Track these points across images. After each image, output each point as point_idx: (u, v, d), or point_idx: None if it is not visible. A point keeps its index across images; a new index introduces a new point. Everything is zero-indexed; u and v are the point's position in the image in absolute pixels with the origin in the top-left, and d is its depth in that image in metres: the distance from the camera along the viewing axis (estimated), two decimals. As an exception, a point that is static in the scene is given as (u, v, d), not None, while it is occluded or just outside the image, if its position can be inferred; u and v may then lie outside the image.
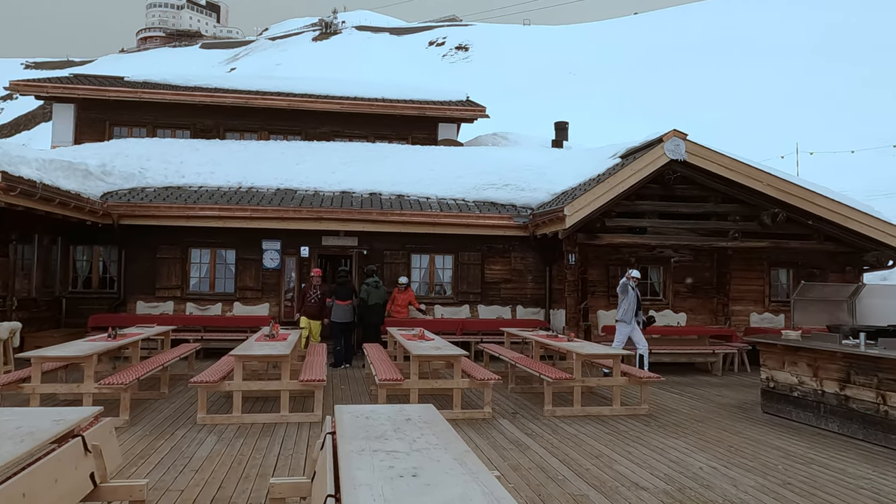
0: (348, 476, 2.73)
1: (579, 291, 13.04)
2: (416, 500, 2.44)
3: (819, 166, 29.86)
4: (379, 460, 2.96)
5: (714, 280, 13.85)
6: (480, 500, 2.47)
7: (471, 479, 2.71)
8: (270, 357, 7.34)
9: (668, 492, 5.14)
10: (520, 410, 8.26)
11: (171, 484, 5.09)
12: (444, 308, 14.38)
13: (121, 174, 14.09)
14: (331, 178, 15.16)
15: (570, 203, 12.07)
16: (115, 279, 13.76)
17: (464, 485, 2.63)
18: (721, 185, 12.85)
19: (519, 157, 16.64)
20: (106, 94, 17.51)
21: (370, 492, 2.51)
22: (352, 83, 20.04)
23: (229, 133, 18.32)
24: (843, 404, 7.17)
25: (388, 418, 3.88)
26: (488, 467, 5.58)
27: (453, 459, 3.01)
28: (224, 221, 13.25)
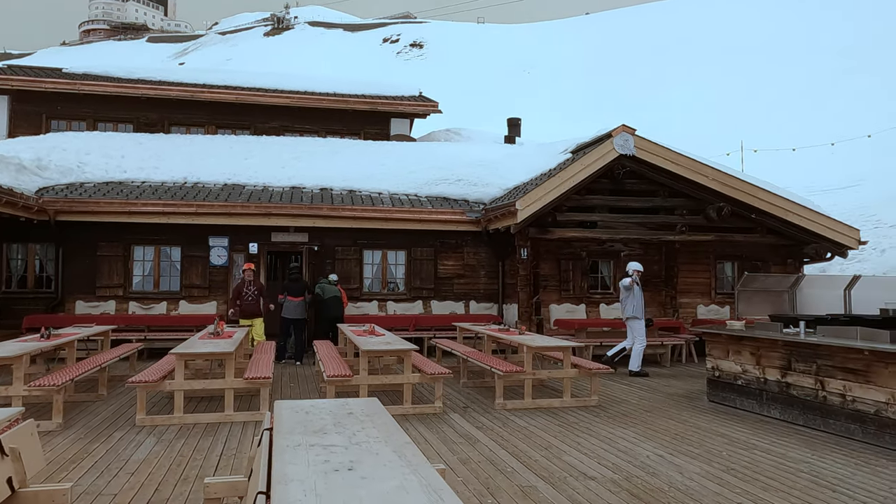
0: (280, 472, 2.61)
1: (531, 286, 13.09)
2: (350, 493, 2.34)
3: (763, 163, 30.78)
4: (315, 455, 2.85)
5: (662, 273, 14.09)
6: (418, 491, 2.39)
7: (409, 472, 2.62)
8: (214, 355, 7.12)
9: (615, 480, 5.16)
10: (471, 404, 8.22)
11: (103, 488, 4.86)
12: (397, 304, 14.26)
13: (58, 168, 13.51)
14: (280, 173, 14.87)
15: (522, 198, 12.10)
16: (52, 278, 13.17)
17: (401, 477, 2.54)
18: (668, 180, 13.08)
19: (471, 153, 16.63)
20: (43, 86, 16.80)
21: (301, 487, 2.40)
22: (302, 78, 19.69)
23: (175, 127, 17.80)
24: (785, 391, 7.35)
25: (330, 412, 3.76)
26: (437, 461, 5.54)
27: (393, 452, 2.92)
28: (168, 217, 12.84)
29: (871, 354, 6.26)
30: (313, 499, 2.27)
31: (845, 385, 6.58)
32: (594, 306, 13.73)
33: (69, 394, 8.05)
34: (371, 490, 2.38)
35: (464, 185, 14.93)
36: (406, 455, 2.87)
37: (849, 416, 6.54)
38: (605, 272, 14.20)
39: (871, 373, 6.31)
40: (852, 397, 6.50)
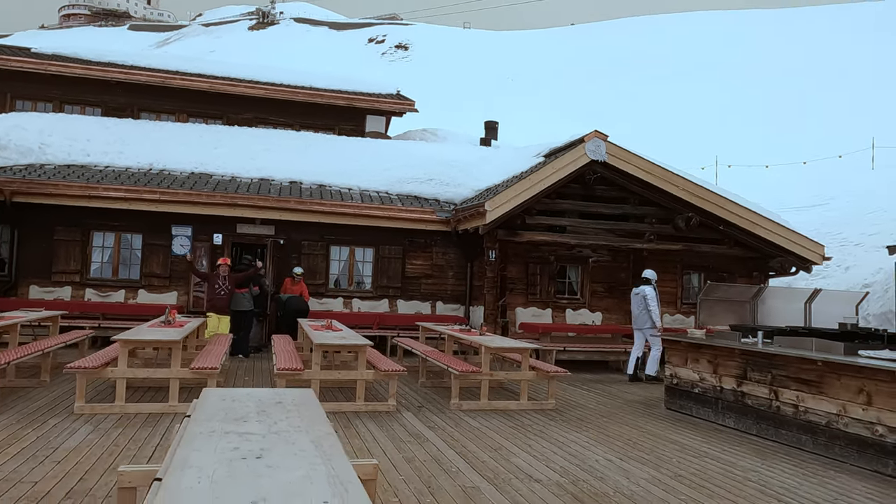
0: (182, 458, 2.45)
1: (498, 288, 13.00)
2: (250, 482, 2.19)
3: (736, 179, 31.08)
4: (227, 442, 2.69)
5: (630, 281, 14.05)
6: (323, 482, 2.24)
7: (321, 462, 2.47)
8: (160, 342, 6.89)
9: (560, 484, 5.05)
10: (427, 404, 8.07)
11: (25, 475, 4.62)
12: (363, 302, 14.07)
13: (17, 148, 13.12)
14: (250, 164, 14.61)
15: (492, 199, 12.00)
16: (5, 261, 12.76)
17: (310, 467, 2.39)
18: (639, 188, 13.07)
19: (445, 153, 16.51)
20: (8, 65, 16.36)
21: (199, 473, 2.24)
22: (279, 70, 19.45)
23: (144, 113, 17.43)
24: (740, 400, 7.31)
25: (258, 401, 3.60)
26: (380, 457, 5.38)
27: (310, 442, 2.77)
28: (130, 203, 12.53)
29: (824, 365, 6.24)
30: (207, 486, 2.12)
31: (798, 395, 6.56)
32: (560, 311, 13.67)
33: (9, 378, 7.75)
34: (274, 479, 2.23)
35: (436, 184, 14.81)
36: (323, 446, 2.72)
37: (801, 426, 6.52)
38: (572, 277, 14.16)
39: (824, 384, 6.29)
40: (805, 408, 6.48)
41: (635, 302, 11.01)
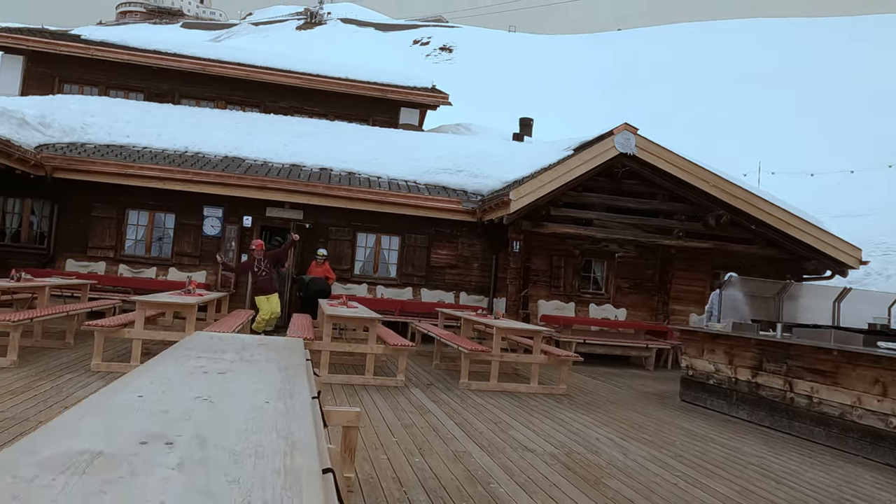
0: (146, 369, 2.51)
1: (521, 279, 12.94)
2: (203, 386, 2.24)
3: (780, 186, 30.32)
4: (196, 362, 2.75)
5: (656, 278, 13.86)
6: (273, 392, 2.28)
7: (280, 381, 2.51)
8: (176, 305, 7.07)
9: (554, 454, 5.01)
10: (436, 383, 8.08)
11: (32, 416, 4.81)
12: (387, 289, 14.15)
13: (61, 127, 13.61)
14: (282, 150, 14.85)
15: (516, 188, 11.96)
16: (45, 235, 13.25)
17: (267, 382, 2.44)
18: (668, 183, 12.86)
19: (476, 146, 16.51)
20: (57, 49, 16.97)
21: (157, 378, 2.30)
22: (315, 61, 19.73)
23: (185, 100, 17.88)
24: (754, 392, 7.13)
25: (243, 342, 3.67)
26: (379, 423, 5.43)
27: (277, 369, 2.81)
28: (164, 183, 12.85)
29: (840, 355, 6.05)
30: (160, 385, 2.17)
31: (813, 387, 6.37)
32: (584, 306, 13.52)
33: (35, 339, 8.04)
34: (226, 386, 2.28)
35: (464, 175, 14.82)
36: (288, 371, 2.76)
37: (814, 418, 6.32)
38: (597, 272, 14.00)
39: (840, 374, 6.10)
40: (819, 399, 6.29)
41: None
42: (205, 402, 1.96)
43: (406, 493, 3.83)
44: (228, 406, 1.96)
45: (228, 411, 1.89)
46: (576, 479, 4.40)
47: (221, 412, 1.87)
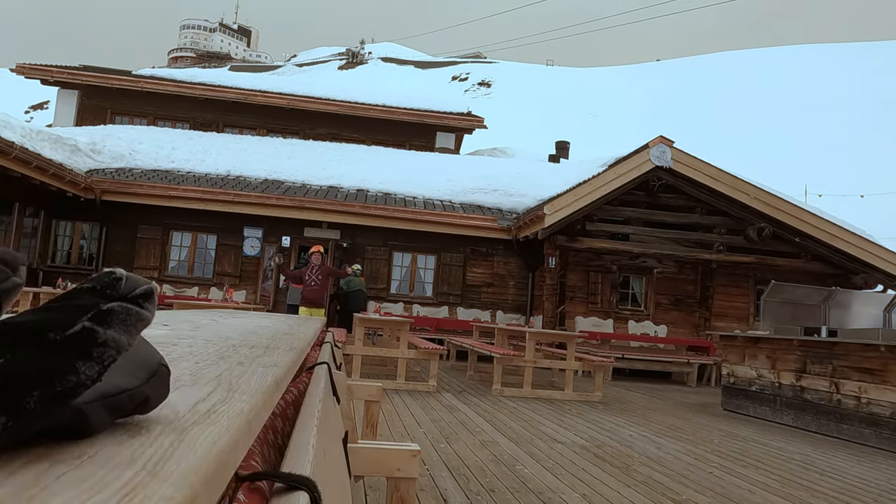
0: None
1: (558, 296, 12.80)
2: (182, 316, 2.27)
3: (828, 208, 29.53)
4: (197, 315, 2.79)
5: (697, 294, 13.53)
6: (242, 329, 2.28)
7: (259, 318, 2.52)
8: (208, 307, 7.19)
9: (584, 446, 4.88)
10: (469, 390, 8.00)
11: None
12: (423, 308, 14.15)
13: (110, 153, 14.20)
14: (321, 173, 15.17)
15: (550, 202, 11.92)
16: (94, 256, 13.73)
17: (252, 323, 2.45)
18: (707, 196, 12.65)
19: (511, 166, 16.59)
20: (109, 83, 17.80)
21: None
22: (353, 90, 20.22)
23: (228, 128, 18.48)
24: (799, 395, 6.85)
25: (257, 314, 3.71)
26: (408, 419, 5.39)
27: (272, 322, 2.83)
28: (206, 204, 13.25)
29: (887, 351, 5.78)
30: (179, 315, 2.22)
31: (860, 387, 6.08)
32: (622, 322, 13.26)
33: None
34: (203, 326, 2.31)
35: (499, 195, 14.86)
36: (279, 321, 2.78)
37: (863, 419, 6.02)
38: (636, 288, 13.74)
39: (888, 372, 5.81)
40: (867, 399, 5.99)
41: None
42: (212, 322, 2.00)
43: (429, 471, 3.77)
44: (230, 323, 1.99)
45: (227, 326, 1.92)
46: (605, 466, 4.27)
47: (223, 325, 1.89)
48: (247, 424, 0.46)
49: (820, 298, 8.96)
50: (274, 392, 0.67)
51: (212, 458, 0.36)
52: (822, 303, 8.94)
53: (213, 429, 0.41)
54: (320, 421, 0.95)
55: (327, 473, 1.01)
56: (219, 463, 0.36)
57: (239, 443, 0.42)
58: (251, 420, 0.48)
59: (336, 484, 1.23)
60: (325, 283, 9.65)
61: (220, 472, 0.36)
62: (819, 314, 8.87)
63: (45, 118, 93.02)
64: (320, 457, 0.81)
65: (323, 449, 0.89)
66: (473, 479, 3.68)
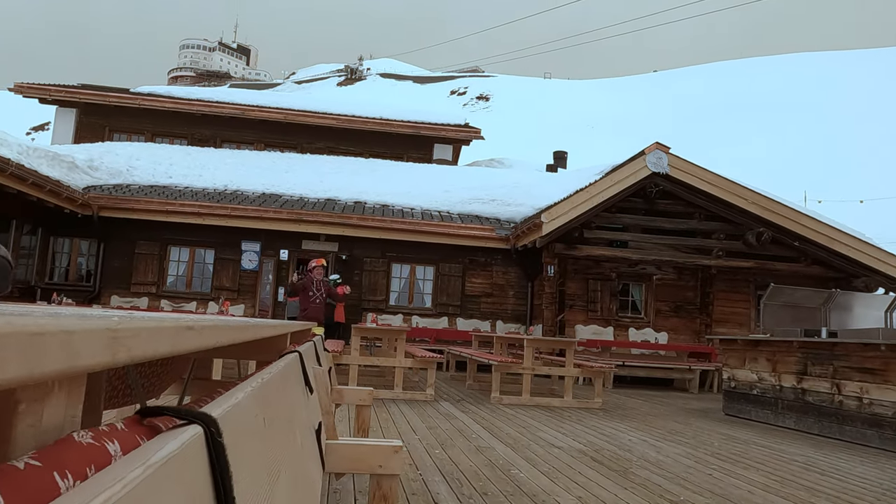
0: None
1: (557, 304, 12.73)
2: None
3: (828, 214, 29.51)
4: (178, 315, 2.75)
5: (698, 300, 13.45)
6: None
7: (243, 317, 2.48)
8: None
9: (582, 451, 4.81)
10: (468, 398, 7.92)
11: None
12: (422, 319, 14.08)
13: (108, 170, 14.22)
14: (318, 186, 15.17)
15: (548, 210, 11.90)
16: (92, 273, 13.70)
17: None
18: (705, 202, 12.62)
19: (508, 177, 16.60)
20: (107, 100, 17.87)
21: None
22: (349, 103, 20.30)
23: (226, 144, 18.51)
24: (800, 398, 6.77)
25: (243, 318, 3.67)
26: (404, 426, 5.34)
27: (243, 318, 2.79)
28: (203, 218, 13.23)
29: (888, 350, 5.72)
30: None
31: (862, 387, 6.01)
32: (623, 330, 13.17)
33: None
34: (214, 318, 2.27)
35: (497, 204, 14.85)
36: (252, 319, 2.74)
37: (865, 420, 5.94)
38: (636, 295, 13.67)
39: (890, 371, 5.74)
40: (869, 400, 5.92)
41: None
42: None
43: (422, 476, 3.71)
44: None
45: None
46: (602, 469, 4.20)
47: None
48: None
49: (820, 301, 8.90)
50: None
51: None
52: (823, 305, 8.88)
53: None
54: (263, 390, 0.91)
55: (281, 452, 0.97)
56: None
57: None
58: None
59: (299, 468, 1.18)
60: (324, 300, 9.14)
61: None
62: (819, 317, 8.81)
63: (46, 139, 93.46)
64: (254, 422, 0.77)
65: (264, 418, 0.84)
66: (467, 482, 3.61)
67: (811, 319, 8.79)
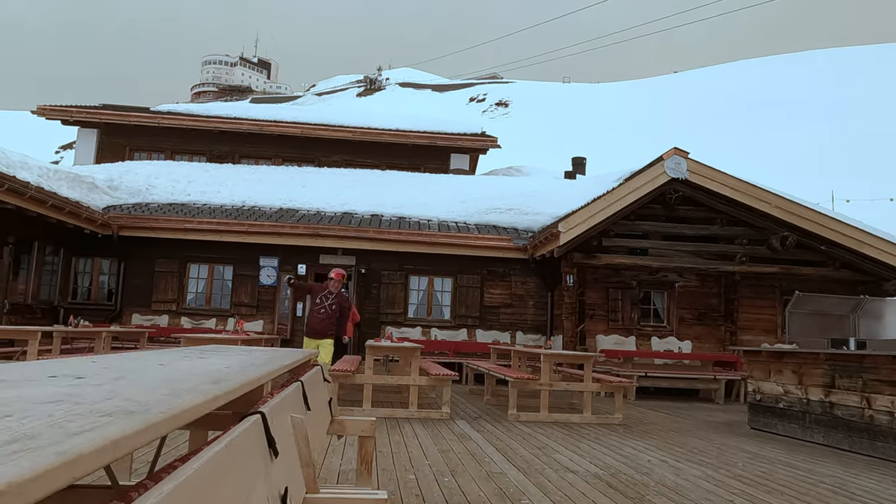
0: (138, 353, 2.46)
1: (577, 314, 12.54)
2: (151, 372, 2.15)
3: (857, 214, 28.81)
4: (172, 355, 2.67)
5: (722, 307, 13.15)
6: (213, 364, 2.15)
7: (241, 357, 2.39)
8: (217, 341, 7.12)
9: (597, 475, 4.65)
10: (483, 415, 7.78)
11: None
12: (441, 331, 13.98)
13: (127, 189, 14.37)
14: (335, 199, 15.17)
15: (565, 220, 11.73)
16: (113, 292, 13.83)
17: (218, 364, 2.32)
18: (727, 206, 12.35)
19: (526, 185, 16.46)
20: (127, 120, 18.10)
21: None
22: (365, 115, 20.33)
23: (244, 160, 18.63)
24: (828, 412, 6.52)
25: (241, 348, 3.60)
26: (415, 450, 5.23)
27: (237, 354, 2.71)
28: (221, 235, 13.30)
29: (919, 363, 5.46)
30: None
31: (893, 401, 5.76)
32: (645, 339, 12.92)
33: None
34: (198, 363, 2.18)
35: (514, 214, 14.71)
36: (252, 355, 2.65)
37: (897, 436, 5.69)
38: (657, 304, 13.42)
39: (922, 385, 5.49)
40: (901, 414, 5.66)
41: None
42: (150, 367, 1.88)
43: (427, 508, 3.59)
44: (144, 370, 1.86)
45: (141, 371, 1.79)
46: (617, 496, 4.04)
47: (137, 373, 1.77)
48: None
49: (848, 308, 8.62)
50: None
51: None
52: (851, 313, 8.60)
53: None
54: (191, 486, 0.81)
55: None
56: None
57: None
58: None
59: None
60: (336, 313, 8.19)
61: None
62: (848, 325, 8.53)
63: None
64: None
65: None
66: (474, 515, 3.49)
67: (839, 328, 8.52)
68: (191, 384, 1.39)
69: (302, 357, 3.19)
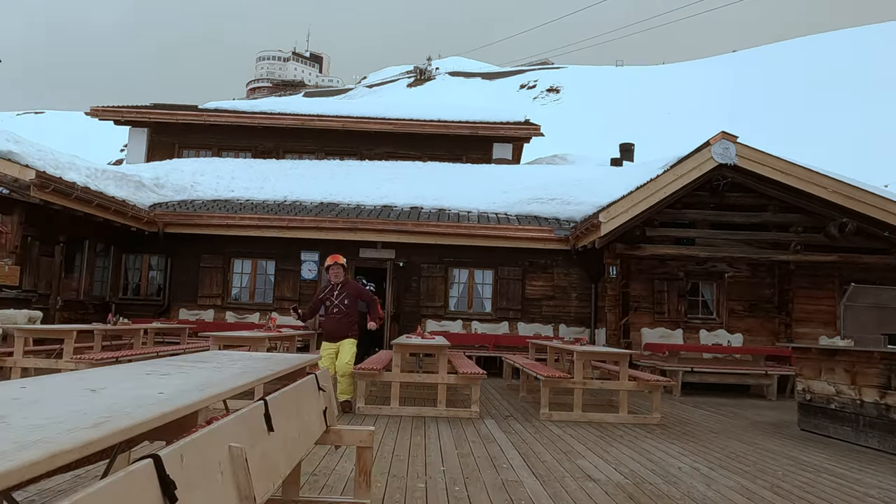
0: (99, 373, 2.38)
1: (621, 307, 12.14)
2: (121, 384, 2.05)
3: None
4: (151, 369, 2.58)
5: (775, 298, 12.52)
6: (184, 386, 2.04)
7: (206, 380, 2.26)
8: (245, 339, 7.14)
9: (620, 484, 4.40)
10: (515, 413, 7.58)
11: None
12: (482, 324, 13.81)
13: (173, 187, 14.68)
14: (375, 192, 15.14)
15: (606, 209, 11.35)
16: (162, 287, 14.18)
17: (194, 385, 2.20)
18: (779, 192, 11.71)
19: (568, 173, 16.07)
20: (176, 118, 18.51)
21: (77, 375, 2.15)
22: (407, 105, 20.23)
23: (288, 154, 18.81)
24: (884, 415, 6.05)
25: (242, 355, 3.51)
26: (433, 455, 5.07)
27: (212, 368, 2.60)
28: (262, 231, 13.43)
29: (984, 364, 4.97)
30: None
31: (955, 405, 5.28)
32: (693, 332, 12.43)
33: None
34: (145, 383, 2.08)
35: (556, 203, 14.38)
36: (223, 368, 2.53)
37: (960, 443, 5.21)
38: (706, 295, 12.87)
39: None
40: (964, 420, 5.19)
41: None
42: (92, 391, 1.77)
43: (429, 522, 3.44)
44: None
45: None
46: (636, 510, 3.80)
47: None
48: None
49: (911, 301, 8.00)
50: None
51: None
52: (915, 305, 7.98)
53: None
54: None
55: None
56: None
57: None
58: None
59: None
60: (354, 307, 7.24)
61: None
62: (911, 318, 7.91)
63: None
64: None
65: None
66: (476, 531, 3.31)
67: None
68: (62, 427, 1.25)
69: (288, 367, 3.07)
